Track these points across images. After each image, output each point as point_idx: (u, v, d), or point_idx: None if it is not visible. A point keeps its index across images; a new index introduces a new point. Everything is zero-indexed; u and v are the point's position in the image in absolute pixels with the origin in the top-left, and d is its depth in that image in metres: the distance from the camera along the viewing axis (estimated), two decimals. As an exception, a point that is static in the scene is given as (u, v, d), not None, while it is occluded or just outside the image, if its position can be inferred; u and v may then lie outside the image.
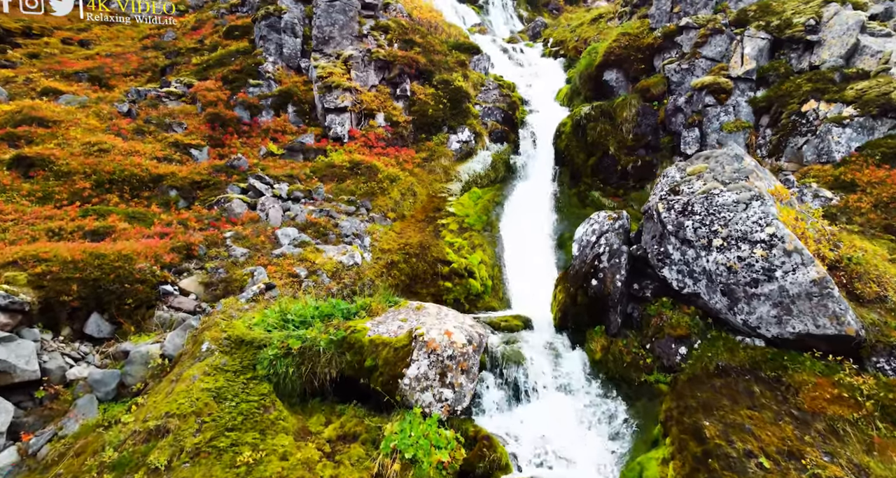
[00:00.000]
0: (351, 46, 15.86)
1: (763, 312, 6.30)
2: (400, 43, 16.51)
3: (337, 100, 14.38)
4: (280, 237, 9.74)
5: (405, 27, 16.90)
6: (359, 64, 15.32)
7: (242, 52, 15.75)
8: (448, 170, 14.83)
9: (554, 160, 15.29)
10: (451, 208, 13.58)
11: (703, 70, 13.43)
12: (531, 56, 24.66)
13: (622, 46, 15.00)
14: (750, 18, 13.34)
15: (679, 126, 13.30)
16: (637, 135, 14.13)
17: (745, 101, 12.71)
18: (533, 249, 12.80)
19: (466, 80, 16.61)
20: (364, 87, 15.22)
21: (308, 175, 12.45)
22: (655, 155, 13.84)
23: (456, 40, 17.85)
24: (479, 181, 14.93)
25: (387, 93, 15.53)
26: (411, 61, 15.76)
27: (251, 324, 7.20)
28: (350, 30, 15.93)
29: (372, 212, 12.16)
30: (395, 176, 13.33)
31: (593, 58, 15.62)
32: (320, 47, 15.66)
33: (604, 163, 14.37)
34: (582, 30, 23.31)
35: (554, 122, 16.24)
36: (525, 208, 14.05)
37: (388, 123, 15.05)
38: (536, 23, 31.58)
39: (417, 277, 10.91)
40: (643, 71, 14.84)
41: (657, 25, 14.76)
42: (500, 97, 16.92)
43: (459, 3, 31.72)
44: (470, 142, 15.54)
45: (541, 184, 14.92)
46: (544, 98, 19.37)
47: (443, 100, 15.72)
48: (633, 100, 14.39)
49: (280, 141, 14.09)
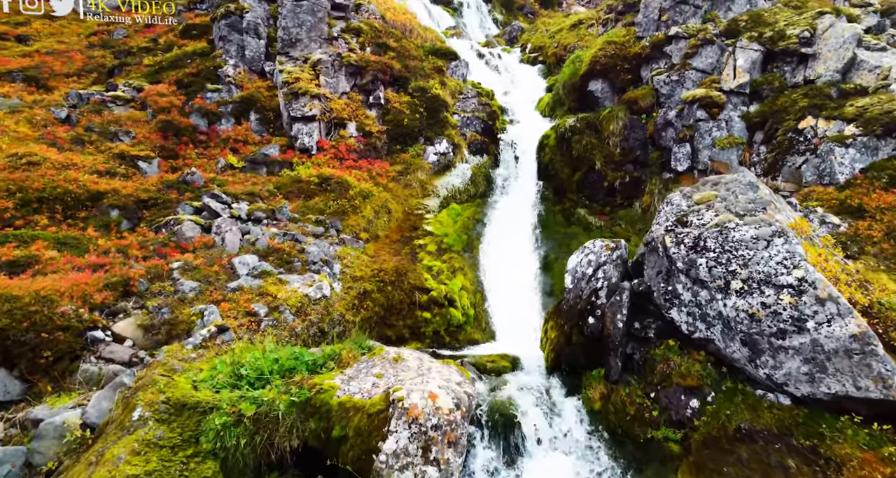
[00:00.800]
0: (320, 50, 14.73)
1: (792, 367, 5.51)
2: (373, 47, 15.46)
3: (304, 108, 13.24)
4: (237, 267, 8.58)
5: (378, 30, 15.86)
6: (328, 69, 14.20)
7: (200, 54, 14.45)
8: (425, 184, 13.84)
9: (537, 175, 14.45)
10: (429, 227, 12.59)
11: (694, 82, 12.79)
12: (509, 62, 23.93)
13: (608, 55, 14.28)
14: (741, 29, 12.77)
15: (669, 141, 12.62)
16: (624, 149, 13.40)
17: (738, 115, 12.10)
18: (517, 271, 11.90)
19: (444, 88, 15.66)
20: (334, 95, 14.11)
21: (271, 192, 11.27)
22: (644, 171, 13.13)
23: (432, 45, 16.89)
24: (459, 196, 13.98)
25: (359, 100, 14.45)
26: (385, 67, 14.72)
27: (197, 380, 6.06)
28: (319, 32, 14.81)
29: (343, 233, 11.07)
30: (367, 192, 12.27)
31: (577, 67, 14.87)
32: (286, 50, 14.49)
33: (590, 178, 13.60)
34: (561, 36, 22.66)
35: (536, 133, 15.42)
36: (507, 227, 13.16)
37: (360, 133, 13.97)
38: (513, 27, 30.90)
39: (393, 307, 9.88)
40: (630, 81, 14.15)
41: (644, 34, 14.09)
42: (479, 106, 16.02)
43: (433, 5, 30.83)
44: (448, 154, 14.59)
45: (523, 200, 14.06)
46: (524, 107, 18.58)
47: (419, 109, 14.73)
48: (620, 112, 13.67)
49: (241, 152, 12.86)
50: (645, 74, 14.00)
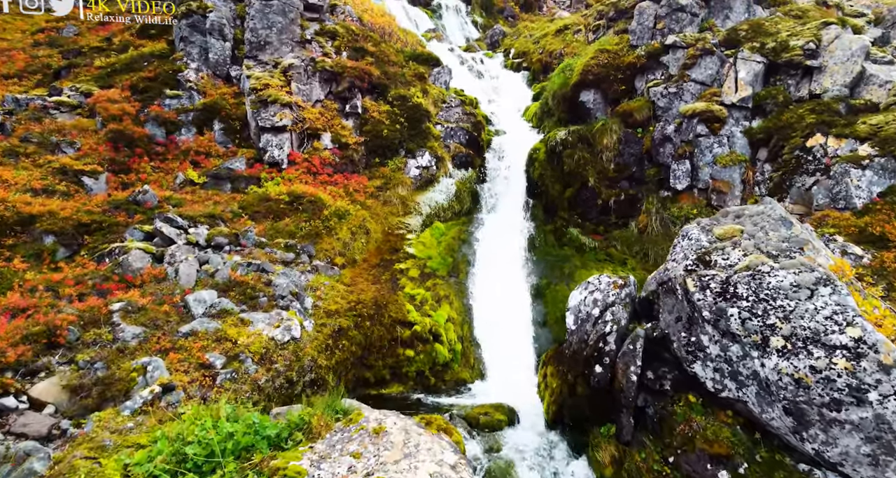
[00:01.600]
0: (291, 54, 13.58)
1: (850, 445, 4.66)
2: (349, 51, 14.37)
3: (274, 117, 12.08)
4: (192, 305, 7.42)
5: (355, 33, 14.78)
6: (301, 75, 13.06)
7: (159, 56, 13.16)
8: (406, 201, 12.80)
9: (526, 191, 13.54)
10: (411, 248, 11.56)
11: (693, 95, 12.04)
12: (492, 67, 23.06)
13: (601, 65, 13.46)
14: (741, 39, 12.07)
15: (667, 157, 11.84)
16: (619, 165, 12.59)
17: (741, 131, 11.38)
18: (507, 298, 10.95)
19: (426, 97, 14.65)
20: (307, 103, 12.98)
21: (236, 212, 10.10)
22: (640, 188, 12.33)
23: (413, 50, 15.88)
24: (443, 214, 12.98)
25: (334, 109, 13.34)
26: (363, 73, 13.65)
27: (130, 464, 4.93)
28: (290, 34, 13.65)
29: (316, 259, 9.96)
30: (344, 211, 11.17)
31: (568, 76, 14.03)
32: (255, 53, 13.30)
33: (582, 195, 12.74)
34: (546, 41, 21.88)
35: (524, 145, 14.53)
36: (495, 248, 12.20)
37: (335, 145, 12.86)
38: (494, 31, 30.09)
39: (372, 345, 8.81)
40: (624, 92, 13.36)
41: (638, 42, 13.32)
42: (463, 116, 15.06)
43: (412, 7, 29.86)
44: (431, 167, 13.58)
45: (512, 218, 13.13)
46: (510, 116, 17.70)
47: (399, 119, 13.69)
48: (614, 125, 12.85)
49: (203, 166, 11.64)
50: (639, 85, 13.23)
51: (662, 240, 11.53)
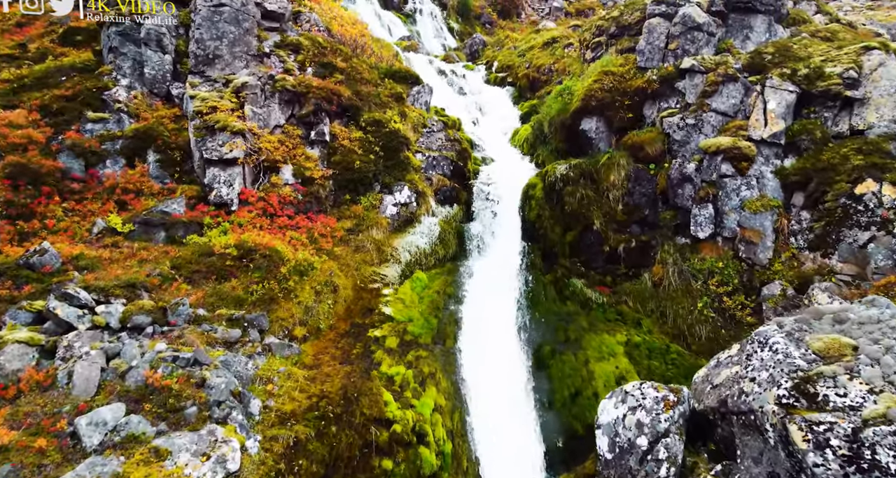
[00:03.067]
0: (246, 70, 11.50)
1: None
2: (315, 67, 12.36)
3: (222, 148, 9.99)
4: (84, 433, 5.32)
5: (322, 46, 12.78)
6: (257, 95, 11.00)
7: (81, 69, 10.90)
8: (382, 246, 10.85)
9: (521, 233, 11.74)
10: (388, 308, 9.62)
11: (714, 127, 10.46)
12: (474, 82, 21.33)
13: (605, 89, 11.79)
14: (767, 64, 10.56)
15: (686, 200, 10.20)
16: (629, 206, 10.91)
17: (771, 171, 9.84)
18: (503, 372, 9.12)
19: (404, 121, 12.74)
20: (264, 129, 10.93)
21: (166, 275, 7.98)
22: (654, 234, 10.66)
23: (389, 66, 13.95)
24: (424, 261, 11.06)
25: (297, 137, 11.31)
26: (331, 94, 11.66)
27: None
28: (245, 46, 11.58)
29: (269, 334, 7.93)
30: (306, 265, 9.16)
31: (567, 101, 12.32)
32: (201, 69, 11.17)
33: (586, 240, 11.01)
34: (533, 55, 20.25)
35: (516, 177, 12.76)
36: (487, 303, 10.35)
37: (298, 179, 10.83)
38: (474, 40, 28.36)
39: (339, 459, 6.82)
40: (631, 121, 11.71)
41: (647, 64, 11.70)
42: (446, 142, 13.20)
43: (385, 11, 27.99)
44: (411, 204, 11.66)
45: (505, 264, 11.30)
46: (497, 140, 15.94)
47: (374, 147, 11.74)
48: (622, 159, 11.18)
49: (131, 208, 9.46)
50: (650, 113, 11.60)
51: (682, 296, 9.88)
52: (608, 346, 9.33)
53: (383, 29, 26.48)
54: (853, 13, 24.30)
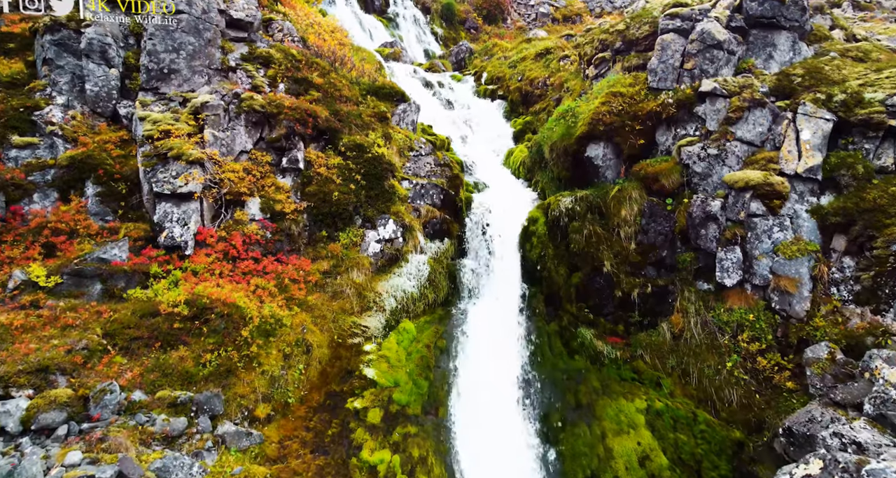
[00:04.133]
0: (208, 86, 10.03)
1: None
2: (289, 83, 10.93)
3: (176, 180, 8.52)
4: None
5: (297, 59, 11.35)
6: (220, 117, 9.54)
7: (9, 84, 9.28)
8: (364, 290, 9.45)
9: (521, 273, 10.44)
10: (370, 370, 8.23)
11: (739, 158, 9.29)
12: (462, 94, 20.07)
13: (614, 112, 10.57)
14: (796, 87, 9.44)
15: (710, 242, 8.99)
16: (643, 245, 9.68)
17: (807, 210, 8.69)
18: (505, 449, 7.79)
19: (389, 144, 11.37)
20: (228, 156, 9.46)
21: (94, 347, 6.47)
22: (672, 278, 9.44)
23: (372, 82, 12.55)
24: (412, 307, 9.70)
25: (266, 164, 9.86)
26: (306, 115, 10.24)
27: None
28: (207, 60, 10.11)
29: (223, 419, 6.47)
30: (273, 323, 7.73)
31: (571, 125, 11.07)
32: (155, 85, 9.67)
33: (595, 283, 9.74)
34: (526, 67, 19.05)
35: (514, 206, 11.48)
36: (484, 358, 9.04)
37: (266, 214, 9.39)
38: (460, 48, 27.05)
39: None
40: (643, 148, 10.50)
41: (660, 85, 10.51)
42: (436, 167, 11.85)
43: (366, 15, 26.64)
44: (396, 240, 10.30)
45: (503, 310, 9.99)
46: (490, 162, 14.66)
47: (355, 175, 10.35)
48: (634, 191, 9.96)
49: (63, 253, 7.91)
50: (663, 140, 10.41)
51: (707, 352, 8.66)
52: (627, 414, 8.05)
53: (364, 33, 25.14)
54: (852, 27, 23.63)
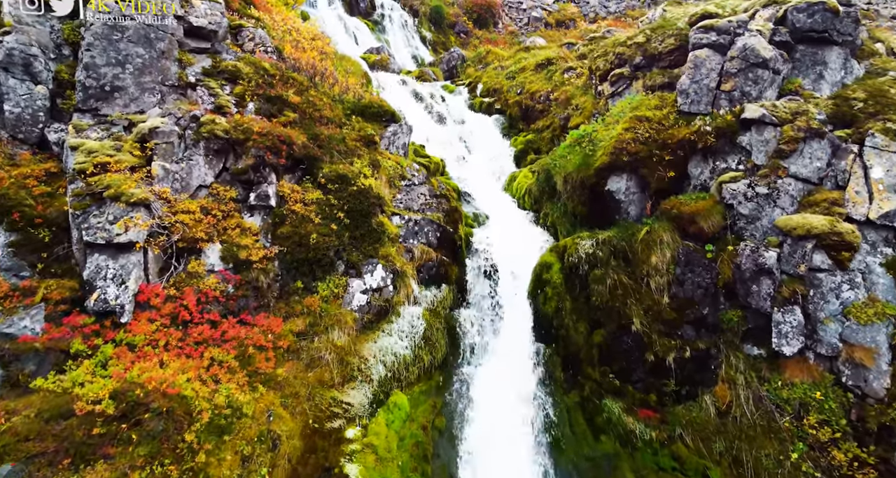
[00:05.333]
0: (160, 108, 8.37)
1: None
2: (260, 102, 9.31)
3: (113, 226, 6.84)
4: None
5: (270, 74, 9.72)
6: (173, 145, 7.89)
7: None
8: (346, 355, 7.83)
9: (533, 330, 8.88)
10: (353, 466, 6.66)
11: (794, 198, 7.84)
12: (455, 107, 18.53)
13: (640, 140, 9.08)
14: (858, 113, 8.03)
15: (763, 300, 7.51)
16: (679, 299, 8.18)
17: (881, 264, 7.26)
18: None
19: (377, 172, 9.77)
20: (182, 193, 7.80)
21: (-25, 475, 4.77)
22: (715, 340, 7.94)
23: (357, 99, 10.92)
24: (405, 374, 8.08)
25: (230, 201, 8.21)
26: (279, 142, 8.61)
27: None
28: (160, 75, 8.45)
29: None
30: (229, 415, 6.09)
31: (589, 153, 9.56)
32: (94, 105, 7.98)
33: (622, 344, 8.22)
34: (525, 78, 17.60)
35: (521, 245, 9.95)
36: (492, 439, 7.45)
37: (228, 264, 7.73)
38: (452, 55, 25.51)
39: None
40: (672, 181, 9.03)
41: (693, 108, 9.05)
42: (430, 199, 10.26)
43: (350, 17, 25.09)
44: (385, 289, 8.70)
45: (512, 375, 8.41)
46: (489, 187, 13.14)
47: (337, 212, 8.74)
48: (665, 234, 8.46)
49: (-41, 325, 6.19)
50: (697, 172, 8.94)
51: (763, 437, 7.16)
52: (672, 522, 6.51)
53: (349, 38, 23.59)
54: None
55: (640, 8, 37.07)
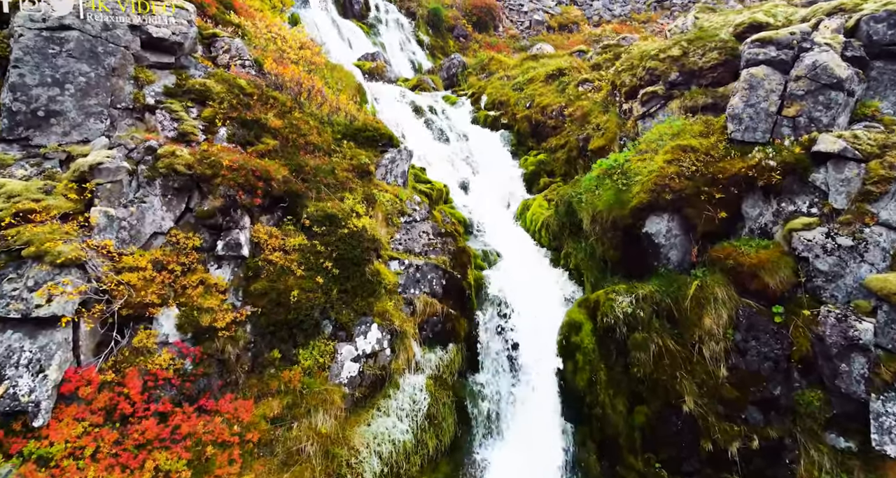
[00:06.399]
0: (109, 137, 6.87)
1: None
2: (233, 127, 7.81)
3: (32, 295, 5.33)
4: None
5: (246, 93, 8.23)
6: (121, 185, 6.39)
7: None
8: (333, 445, 6.33)
9: (561, 404, 7.37)
10: None
11: (886, 252, 6.37)
12: (458, 120, 17.08)
13: (685, 175, 7.61)
14: (956, 149, 6.57)
15: (855, 382, 6.02)
16: (740, 373, 6.68)
17: None
18: None
19: (372, 209, 8.27)
20: (132, 245, 6.29)
21: None
22: (791, 427, 6.45)
23: (350, 121, 9.41)
24: (405, 468, 6.58)
25: (193, 251, 6.68)
26: (255, 177, 7.10)
27: None
28: (109, 96, 6.96)
29: None
30: (172, 558, 4.54)
31: (622, 187, 8.06)
32: (24, 134, 6.49)
33: (670, 425, 6.72)
34: (535, 90, 16.11)
35: (541, 293, 8.45)
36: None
37: (187, 333, 6.21)
38: (452, 62, 24.00)
39: None
40: (724, 223, 7.55)
41: (747, 136, 7.59)
42: (434, 238, 8.77)
43: (344, 20, 23.67)
44: (381, 354, 7.20)
45: (535, 463, 6.90)
46: (498, 216, 11.68)
47: (324, 262, 7.23)
48: (719, 289, 6.97)
49: None
50: (754, 213, 7.46)
51: (858, 558, 5.65)
52: None
53: (342, 42, 22.17)
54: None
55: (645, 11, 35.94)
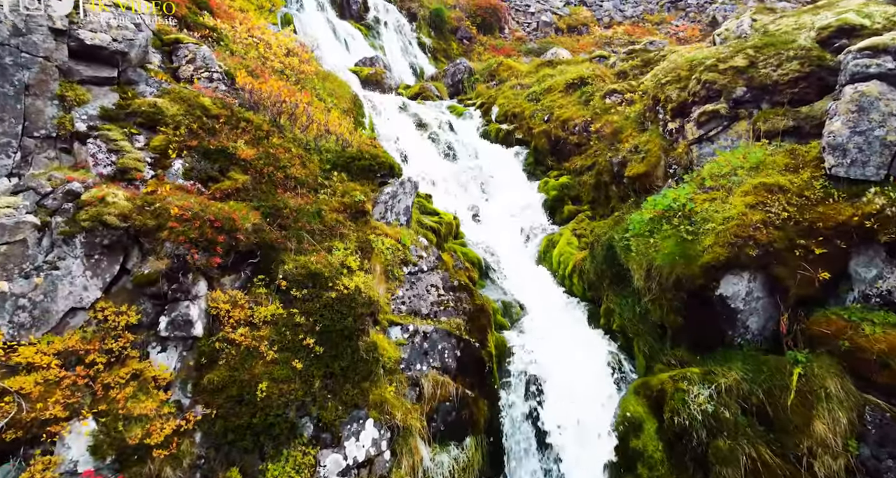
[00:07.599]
0: (18, 177, 5.16)
1: None
2: (192, 159, 6.11)
3: None
4: None
5: (212, 115, 6.52)
6: (25, 246, 4.69)
7: None
8: None
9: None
10: None
11: None
12: (466, 135, 15.44)
13: (774, 223, 5.86)
14: None
15: None
16: (866, 502, 4.93)
17: None
18: None
19: (368, 262, 6.54)
20: (34, 330, 4.56)
21: None
22: None
23: (343, 146, 7.65)
24: None
25: (126, 330, 4.94)
26: (214, 229, 5.37)
27: None
28: (21, 122, 5.26)
29: None
30: None
31: (688, 237, 6.29)
32: None
33: None
34: (554, 102, 14.41)
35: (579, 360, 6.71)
36: None
37: (106, 456, 4.47)
38: (458, 68, 22.35)
39: None
40: (825, 287, 5.80)
41: (852, 172, 5.86)
42: (446, 294, 7.03)
43: (341, 21, 22.14)
44: (379, 458, 5.47)
45: None
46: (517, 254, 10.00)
47: (305, 338, 5.49)
48: (831, 381, 5.23)
49: None
50: (869, 275, 5.71)
51: None
52: None
53: (339, 44, 20.60)
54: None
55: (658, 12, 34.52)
